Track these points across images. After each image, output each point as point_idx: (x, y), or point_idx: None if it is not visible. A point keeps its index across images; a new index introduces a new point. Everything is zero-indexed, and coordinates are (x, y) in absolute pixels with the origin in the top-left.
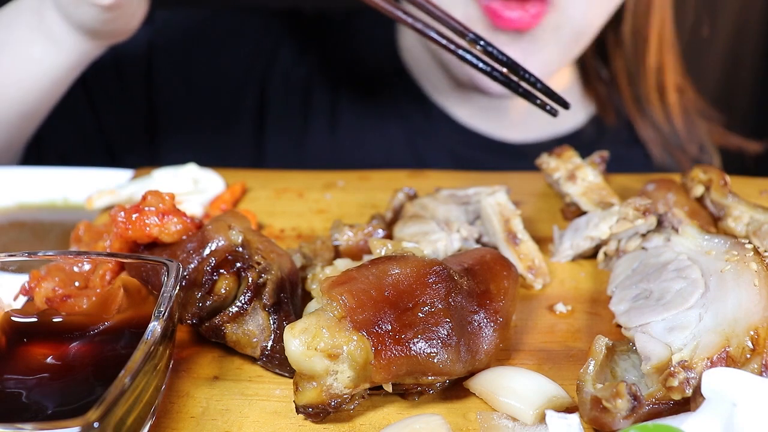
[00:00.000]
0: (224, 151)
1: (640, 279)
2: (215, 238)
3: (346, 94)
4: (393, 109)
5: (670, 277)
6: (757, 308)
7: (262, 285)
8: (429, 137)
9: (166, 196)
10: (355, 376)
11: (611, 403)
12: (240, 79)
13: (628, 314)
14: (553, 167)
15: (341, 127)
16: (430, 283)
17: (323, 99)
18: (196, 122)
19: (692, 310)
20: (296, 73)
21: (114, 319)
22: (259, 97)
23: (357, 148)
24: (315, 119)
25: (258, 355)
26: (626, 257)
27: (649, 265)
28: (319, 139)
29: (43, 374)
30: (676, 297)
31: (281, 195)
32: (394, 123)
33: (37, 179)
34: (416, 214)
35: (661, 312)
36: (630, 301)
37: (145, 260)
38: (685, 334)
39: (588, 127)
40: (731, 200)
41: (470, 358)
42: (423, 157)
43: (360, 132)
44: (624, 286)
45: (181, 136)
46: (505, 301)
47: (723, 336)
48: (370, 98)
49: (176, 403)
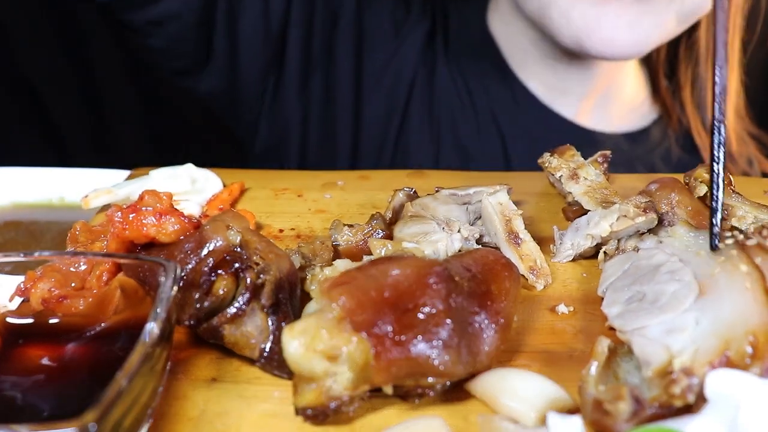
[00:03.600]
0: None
1: (633, 281)
2: (213, 238)
3: (441, 67)
4: (481, 86)
5: (663, 280)
6: (753, 312)
7: (261, 286)
8: (512, 116)
9: (163, 196)
10: (354, 377)
11: (613, 405)
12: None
13: (623, 317)
14: (554, 166)
15: (435, 101)
16: (431, 284)
17: (421, 72)
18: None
19: (688, 313)
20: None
21: (111, 321)
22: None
23: (450, 122)
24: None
25: (256, 357)
26: (617, 258)
27: (640, 267)
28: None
29: (40, 376)
30: (671, 300)
31: (280, 195)
32: (481, 99)
33: (33, 178)
34: (416, 214)
35: (657, 315)
36: (623, 304)
37: (142, 261)
38: (683, 336)
39: (653, 128)
40: (735, 200)
41: (471, 360)
42: (503, 134)
43: (449, 105)
44: (616, 287)
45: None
46: (506, 302)
47: (722, 340)
48: (459, 74)
49: (174, 405)
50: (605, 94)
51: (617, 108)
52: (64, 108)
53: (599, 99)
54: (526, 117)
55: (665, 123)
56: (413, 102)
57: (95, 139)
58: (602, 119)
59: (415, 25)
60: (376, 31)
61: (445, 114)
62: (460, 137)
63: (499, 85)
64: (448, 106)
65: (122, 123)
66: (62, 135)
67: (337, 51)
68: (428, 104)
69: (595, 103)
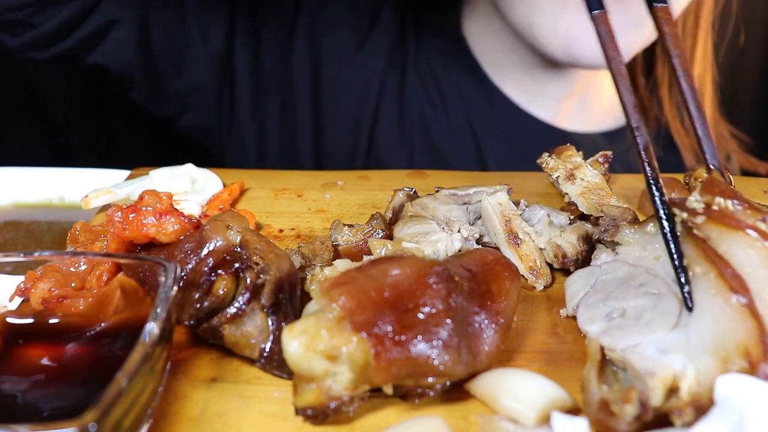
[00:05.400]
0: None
1: (605, 296)
2: (213, 238)
3: (412, 73)
4: (454, 89)
5: (638, 294)
6: (736, 323)
7: (261, 286)
8: (487, 118)
9: (163, 196)
10: (354, 377)
11: (620, 407)
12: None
13: (610, 335)
14: (552, 166)
15: (405, 106)
16: (431, 284)
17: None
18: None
19: (677, 330)
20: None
21: (111, 320)
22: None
23: (421, 126)
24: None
25: (256, 357)
26: (578, 274)
27: (608, 281)
28: (386, 117)
29: (39, 376)
30: (657, 317)
31: (280, 195)
32: (455, 103)
33: (34, 178)
34: (416, 214)
35: (647, 333)
36: (604, 321)
37: (142, 261)
38: (679, 356)
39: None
40: None
41: (471, 360)
42: (478, 137)
43: (420, 110)
44: (588, 304)
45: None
46: (506, 302)
47: (719, 358)
48: (432, 78)
49: (174, 405)
50: (583, 95)
51: (595, 108)
52: (64, 108)
53: (577, 100)
54: (502, 120)
55: (642, 121)
56: (383, 109)
57: (95, 139)
58: (581, 120)
59: (383, 35)
60: (335, 50)
61: (417, 119)
62: (433, 141)
63: (473, 89)
64: (419, 112)
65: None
66: (62, 135)
67: (294, 74)
68: (398, 111)
69: (573, 104)
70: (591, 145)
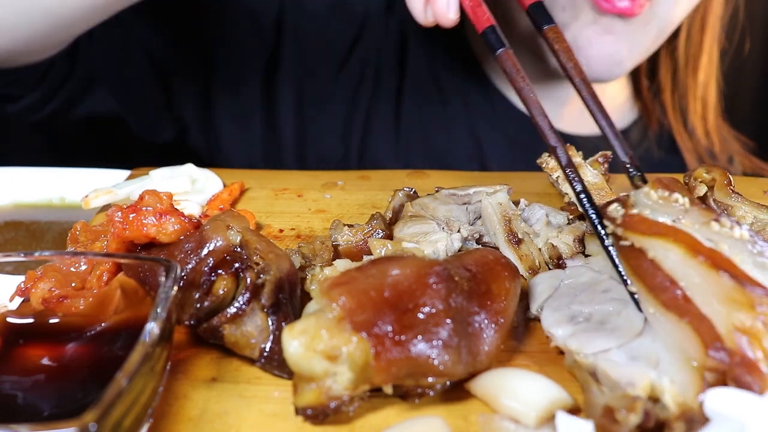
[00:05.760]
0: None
1: (570, 301)
2: (213, 238)
3: (412, 78)
4: (457, 94)
5: (603, 300)
6: (682, 338)
7: (261, 286)
8: (490, 122)
9: (163, 196)
10: (354, 377)
11: (625, 416)
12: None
13: (576, 338)
14: (552, 167)
15: (404, 112)
16: (431, 284)
17: (390, 80)
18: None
19: (643, 338)
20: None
21: (111, 320)
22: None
23: (420, 132)
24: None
25: (256, 357)
26: (542, 276)
27: (572, 286)
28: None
29: (40, 376)
30: (623, 323)
31: (280, 195)
32: (456, 107)
33: (34, 178)
34: (416, 214)
35: (614, 339)
36: (569, 325)
37: (142, 260)
38: (650, 364)
39: (633, 129)
40: (735, 200)
41: (471, 360)
42: (480, 141)
43: (424, 116)
44: (553, 307)
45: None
46: (506, 302)
47: (691, 367)
48: (434, 83)
49: (174, 405)
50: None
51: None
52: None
53: (580, 105)
54: (505, 123)
55: (645, 123)
56: (377, 113)
57: (95, 139)
58: (582, 123)
59: (379, 44)
60: (323, 68)
61: (416, 122)
62: (433, 146)
63: (476, 94)
64: (418, 115)
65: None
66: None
67: (278, 93)
68: (395, 115)
69: (575, 108)
70: (592, 148)
